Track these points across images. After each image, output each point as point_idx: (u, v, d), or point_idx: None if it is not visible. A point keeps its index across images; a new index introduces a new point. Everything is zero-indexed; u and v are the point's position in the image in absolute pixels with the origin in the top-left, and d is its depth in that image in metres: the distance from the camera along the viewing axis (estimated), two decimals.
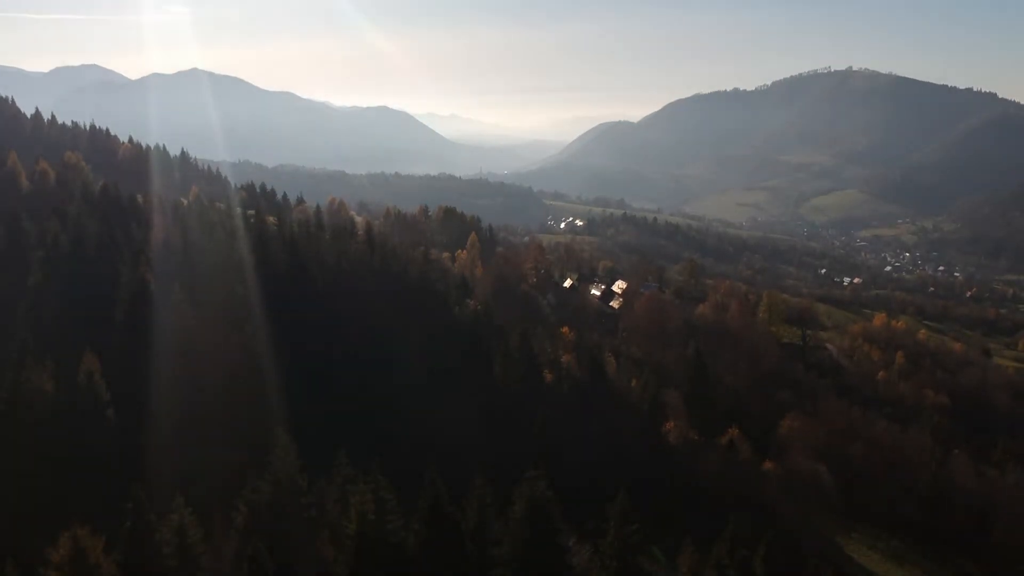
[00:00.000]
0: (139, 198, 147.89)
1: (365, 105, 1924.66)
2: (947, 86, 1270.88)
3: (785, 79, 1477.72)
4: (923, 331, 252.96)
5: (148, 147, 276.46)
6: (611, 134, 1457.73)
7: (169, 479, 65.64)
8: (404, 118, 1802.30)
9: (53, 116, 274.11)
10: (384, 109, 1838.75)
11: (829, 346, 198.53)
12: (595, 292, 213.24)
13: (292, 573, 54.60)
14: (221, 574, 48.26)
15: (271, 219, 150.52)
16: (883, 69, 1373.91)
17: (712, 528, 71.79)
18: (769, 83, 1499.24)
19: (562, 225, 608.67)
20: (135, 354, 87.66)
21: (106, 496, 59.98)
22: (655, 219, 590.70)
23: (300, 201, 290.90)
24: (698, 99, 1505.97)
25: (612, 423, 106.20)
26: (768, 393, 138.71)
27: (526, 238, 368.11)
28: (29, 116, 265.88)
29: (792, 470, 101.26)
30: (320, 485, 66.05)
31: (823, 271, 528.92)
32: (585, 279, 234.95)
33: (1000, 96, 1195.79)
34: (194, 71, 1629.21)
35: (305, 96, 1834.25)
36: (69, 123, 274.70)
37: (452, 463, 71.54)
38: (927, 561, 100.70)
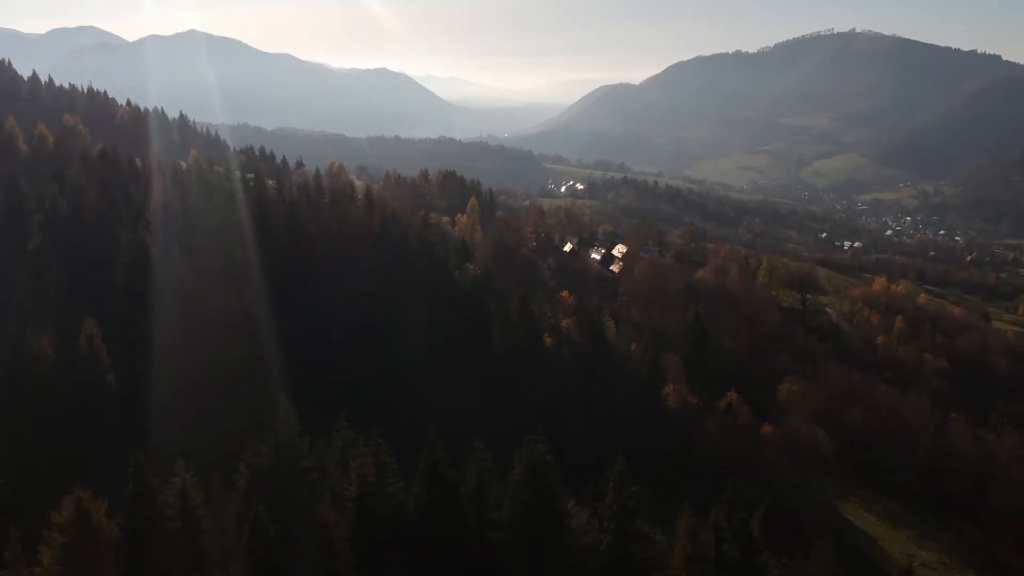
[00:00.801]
0: (138, 161, 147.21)
1: (364, 67, 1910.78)
2: (951, 48, 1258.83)
3: (788, 41, 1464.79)
4: (923, 295, 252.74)
5: (146, 110, 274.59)
6: (612, 96, 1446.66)
7: (170, 443, 65.99)
8: (404, 80, 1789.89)
9: (50, 78, 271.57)
10: (383, 71, 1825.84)
11: (829, 310, 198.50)
12: (595, 256, 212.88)
13: (293, 535, 55.06)
14: (223, 536, 48.62)
15: (270, 183, 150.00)
16: (886, 31, 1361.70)
17: (710, 492, 72.21)
18: (771, 45, 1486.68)
19: (562, 189, 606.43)
20: (135, 319, 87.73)
21: (108, 460, 60.31)
22: (656, 183, 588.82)
23: (300, 165, 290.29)
24: (700, 61, 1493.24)
25: (611, 387, 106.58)
26: (768, 357, 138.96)
27: (526, 202, 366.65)
28: (26, 79, 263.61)
29: (791, 434, 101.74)
30: (320, 449, 66.35)
31: (824, 235, 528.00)
32: (585, 243, 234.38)
33: (1005, 58, 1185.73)
34: (192, 33, 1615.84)
35: (304, 58, 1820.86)
36: (66, 86, 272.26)
37: (452, 427, 71.85)
38: (924, 524, 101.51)
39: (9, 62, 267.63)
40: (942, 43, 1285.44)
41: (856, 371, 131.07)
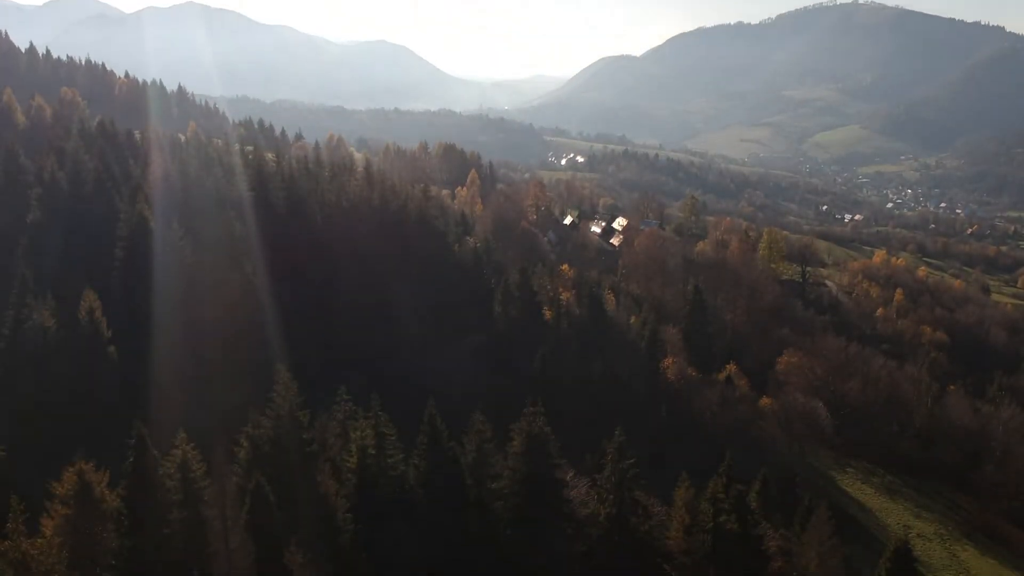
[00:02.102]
0: (136, 134, 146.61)
1: (364, 39, 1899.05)
2: (954, 19, 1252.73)
3: (790, 12, 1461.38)
4: (923, 268, 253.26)
5: (145, 82, 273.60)
6: (613, 68, 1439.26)
7: (171, 415, 66.30)
8: (404, 52, 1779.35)
9: (48, 51, 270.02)
10: (383, 43, 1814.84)
11: (829, 283, 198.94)
12: (595, 229, 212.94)
13: (294, 507, 55.47)
14: (223, 508, 48.98)
15: (269, 155, 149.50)
16: (889, 2, 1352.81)
17: (709, 463, 72.67)
18: (774, 16, 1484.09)
19: (563, 161, 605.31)
20: (135, 291, 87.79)
21: (109, 432, 60.62)
22: (656, 155, 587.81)
23: (299, 137, 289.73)
24: (701, 32, 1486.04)
25: (611, 360, 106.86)
26: (767, 330, 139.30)
27: (527, 175, 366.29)
28: (24, 51, 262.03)
29: (789, 406, 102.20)
30: (321, 421, 66.70)
31: (824, 208, 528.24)
32: (586, 216, 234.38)
33: (1008, 30, 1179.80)
34: (190, 4, 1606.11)
35: (303, 30, 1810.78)
36: (64, 58, 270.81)
37: (452, 399, 72.24)
38: (920, 495, 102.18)
39: (6, 34, 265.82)
40: (945, 14, 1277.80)
41: (855, 343, 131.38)
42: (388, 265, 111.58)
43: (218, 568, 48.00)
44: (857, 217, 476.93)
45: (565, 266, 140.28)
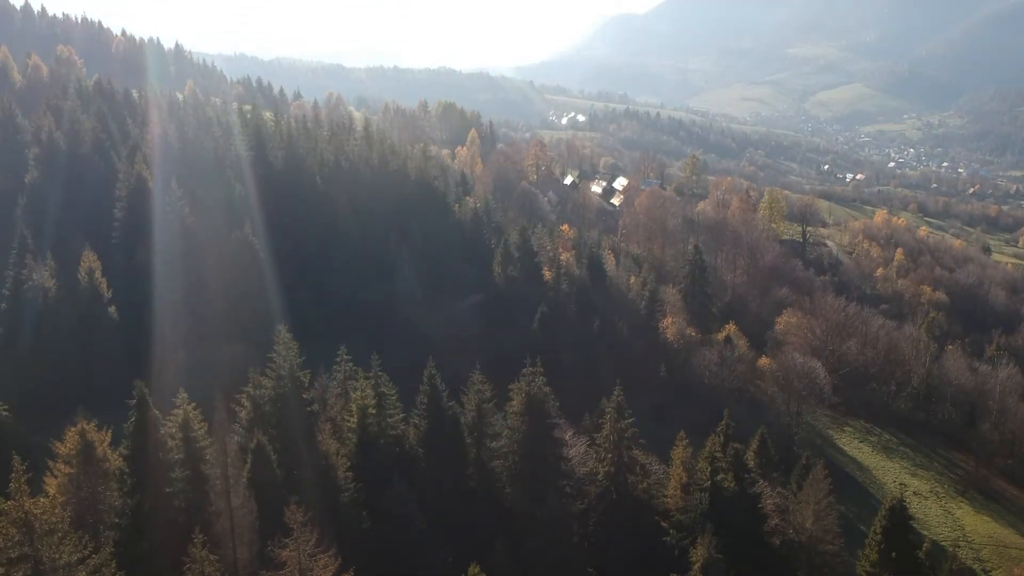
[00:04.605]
0: (134, 93, 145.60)
1: None
2: None
3: None
4: (924, 228, 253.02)
5: (143, 40, 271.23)
6: (614, 26, 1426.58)
7: (172, 374, 66.63)
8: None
9: (43, 8, 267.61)
10: None
11: (829, 243, 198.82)
12: (596, 189, 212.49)
13: (295, 466, 55.87)
14: (225, 467, 49.32)
15: (268, 115, 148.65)
16: None
17: (707, 422, 73.15)
18: None
19: (564, 120, 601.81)
20: (135, 251, 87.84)
21: (110, 391, 60.94)
22: (658, 114, 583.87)
23: (297, 96, 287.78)
24: None
25: (610, 320, 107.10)
26: (766, 290, 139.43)
27: (527, 134, 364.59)
28: (19, 8, 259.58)
29: (788, 366, 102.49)
30: (321, 380, 66.98)
31: (826, 167, 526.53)
32: (586, 176, 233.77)
33: None
34: None
35: None
36: (60, 15, 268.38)
37: (451, 360, 72.48)
38: (916, 454, 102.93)
39: None
40: None
41: (854, 303, 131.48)
42: (388, 225, 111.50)
43: (220, 526, 48.42)
44: (859, 176, 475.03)
45: (565, 226, 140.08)
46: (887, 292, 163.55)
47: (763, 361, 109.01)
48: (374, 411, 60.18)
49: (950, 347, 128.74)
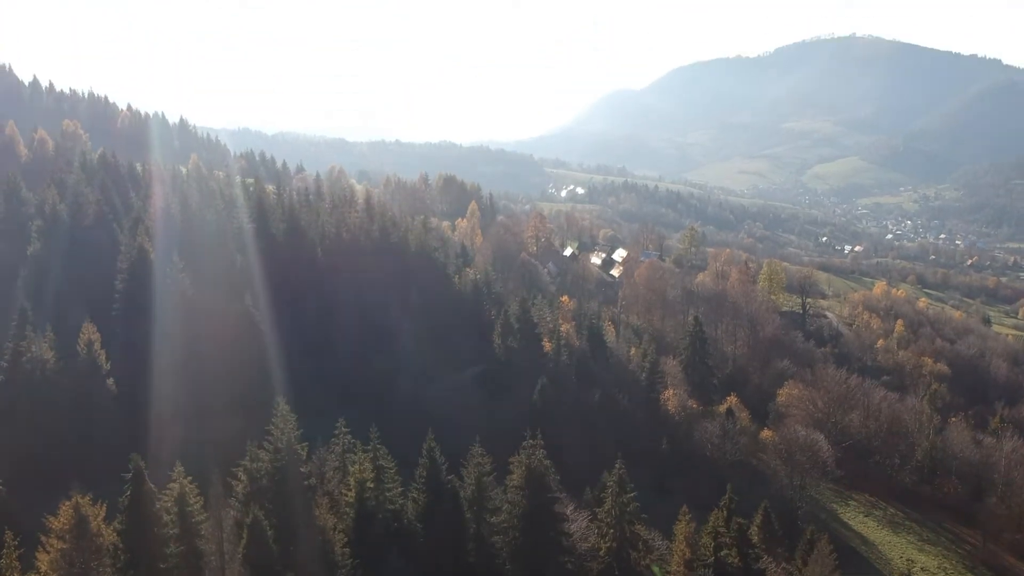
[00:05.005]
0: (138, 166, 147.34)
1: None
2: (951, 52, 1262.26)
3: (788, 45, 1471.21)
4: (923, 299, 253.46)
5: (147, 114, 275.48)
6: (613, 101, 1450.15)
7: (169, 448, 65.98)
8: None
9: (51, 83, 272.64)
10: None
11: (829, 314, 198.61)
12: (596, 260, 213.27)
13: (292, 541, 55.07)
14: (220, 543, 48.60)
15: (270, 188, 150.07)
16: (887, 35, 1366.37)
17: (710, 495, 72.27)
18: (772, 50, 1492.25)
19: (563, 193, 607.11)
20: (135, 323, 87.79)
21: (106, 465, 60.33)
22: (656, 187, 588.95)
23: (300, 169, 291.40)
24: (700, 66, 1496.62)
25: (611, 392, 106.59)
26: (767, 361, 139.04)
27: (527, 206, 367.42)
28: (27, 84, 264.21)
29: (790, 438, 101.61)
30: (319, 454, 66.45)
31: (824, 239, 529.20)
32: (586, 247, 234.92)
33: (1005, 63, 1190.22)
34: None
35: None
36: (67, 91, 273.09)
37: (451, 432, 71.95)
38: (923, 529, 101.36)
39: (10, 67, 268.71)
40: (942, 47, 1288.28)
41: (855, 375, 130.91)
42: (388, 297, 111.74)
43: None
44: (857, 248, 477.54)
45: (565, 297, 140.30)
46: (888, 363, 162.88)
47: (765, 433, 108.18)
48: (372, 484, 59.59)
49: (954, 419, 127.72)
